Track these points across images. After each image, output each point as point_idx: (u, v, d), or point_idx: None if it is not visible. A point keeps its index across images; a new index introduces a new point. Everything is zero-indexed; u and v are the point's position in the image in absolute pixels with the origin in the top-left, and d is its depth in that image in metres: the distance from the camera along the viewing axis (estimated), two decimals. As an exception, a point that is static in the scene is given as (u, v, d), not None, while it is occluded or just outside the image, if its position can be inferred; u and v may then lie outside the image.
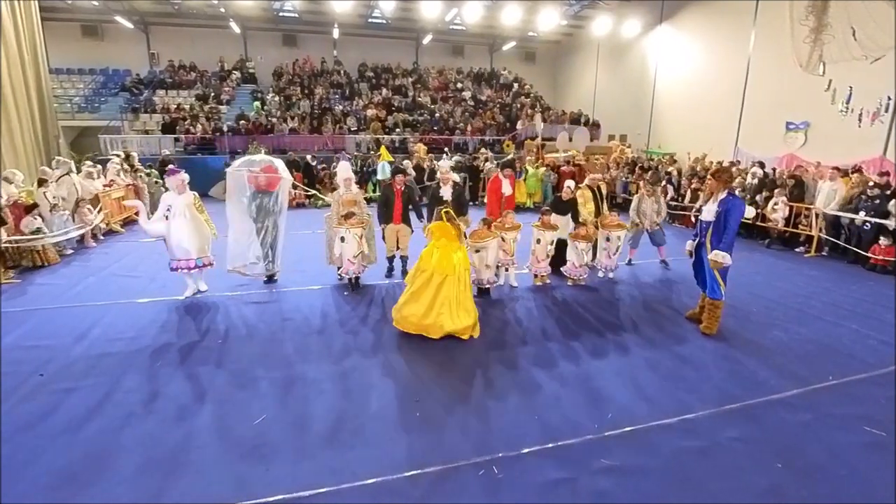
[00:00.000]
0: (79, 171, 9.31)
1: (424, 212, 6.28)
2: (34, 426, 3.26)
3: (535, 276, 6.31)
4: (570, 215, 6.50)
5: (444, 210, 5.04)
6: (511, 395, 3.71)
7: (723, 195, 4.61)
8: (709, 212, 4.73)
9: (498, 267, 6.12)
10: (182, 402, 3.56)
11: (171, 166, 6.36)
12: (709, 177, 4.97)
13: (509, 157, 13.89)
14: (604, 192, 7.15)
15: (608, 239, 6.49)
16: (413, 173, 12.79)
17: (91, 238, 8.40)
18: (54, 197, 7.76)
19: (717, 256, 4.56)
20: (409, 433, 3.23)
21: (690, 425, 3.36)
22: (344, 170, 6.26)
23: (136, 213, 6.50)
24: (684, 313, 5.36)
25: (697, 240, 4.92)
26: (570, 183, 6.94)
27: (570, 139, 15.79)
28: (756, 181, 9.65)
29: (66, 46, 18.91)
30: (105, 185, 9.61)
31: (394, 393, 3.73)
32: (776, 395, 3.76)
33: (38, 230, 6.93)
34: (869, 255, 7.36)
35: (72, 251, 7.78)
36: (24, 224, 6.87)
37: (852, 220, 7.74)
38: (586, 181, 7.19)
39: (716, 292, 4.73)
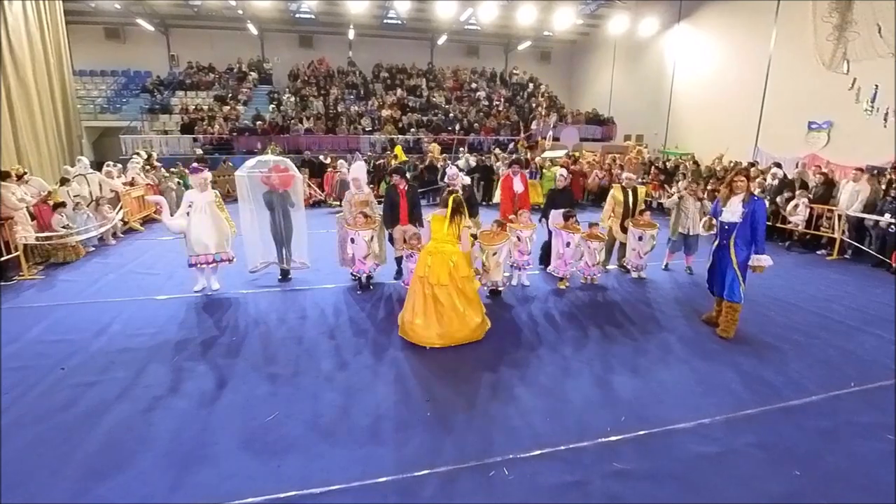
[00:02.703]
0: (99, 169, 9.54)
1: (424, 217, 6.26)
2: (54, 418, 3.35)
3: (561, 279, 6.24)
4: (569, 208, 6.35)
5: (454, 196, 4.61)
6: (522, 397, 3.69)
7: (746, 196, 4.54)
8: (732, 213, 4.60)
9: (511, 266, 6.11)
10: (196, 398, 3.62)
11: (194, 164, 6.50)
12: (739, 177, 4.68)
13: (521, 154, 13.83)
14: (641, 195, 6.72)
15: (640, 238, 6.38)
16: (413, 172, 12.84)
17: (112, 236, 8.60)
18: (76, 196, 7.97)
19: (759, 261, 4.52)
20: (419, 433, 3.23)
21: (706, 430, 3.30)
22: (356, 170, 6.28)
23: (158, 211, 6.66)
24: (700, 316, 5.27)
25: (718, 241, 4.78)
26: (563, 171, 6.81)
27: (558, 139, 15.71)
28: (776, 182, 9.45)
29: (89, 48, 19.40)
30: (125, 184, 9.81)
31: (404, 392, 3.74)
32: (795, 401, 3.67)
33: (67, 227, 7.14)
34: (892, 260, 7.14)
35: (93, 248, 7.96)
36: (54, 221, 7.07)
37: (877, 222, 7.53)
38: (622, 181, 6.85)
39: (735, 294, 4.62)
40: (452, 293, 4.44)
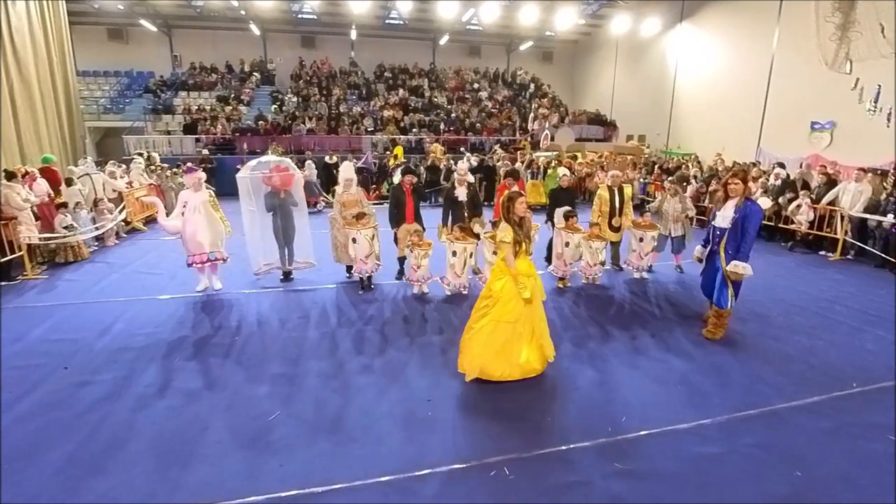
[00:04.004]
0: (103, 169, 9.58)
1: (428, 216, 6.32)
2: (57, 417, 3.37)
3: (561, 279, 6.25)
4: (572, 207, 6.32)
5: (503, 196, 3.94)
6: (523, 397, 3.69)
7: (740, 200, 4.36)
8: (724, 218, 4.45)
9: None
10: (199, 396, 3.64)
11: (188, 164, 6.53)
12: (732, 179, 4.41)
13: (528, 161, 13.88)
14: (628, 194, 6.69)
15: (641, 240, 6.41)
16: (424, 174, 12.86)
17: (115, 236, 8.62)
18: (82, 195, 8.01)
19: (737, 268, 4.31)
20: (420, 432, 3.24)
21: (707, 431, 3.30)
22: (345, 170, 6.32)
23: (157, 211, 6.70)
24: (702, 316, 5.23)
25: (710, 247, 4.67)
26: (565, 171, 6.82)
27: (553, 139, 15.70)
28: (779, 182, 9.43)
29: (92, 49, 19.47)
30: (127, 185, 9.84)
31: (406, 392, 3.75)
32: (797, 402, 3.67)
33: (70, 227, 7.17)
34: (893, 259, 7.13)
35: (95, 249, 7.99)
36: (57, 221, 7.11)
37: (880, 222, 7.51)
38: (608, 180, 6.81)
39: (722, 301, 4.49)
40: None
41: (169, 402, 3.56)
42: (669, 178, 8.54)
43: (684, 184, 7.37)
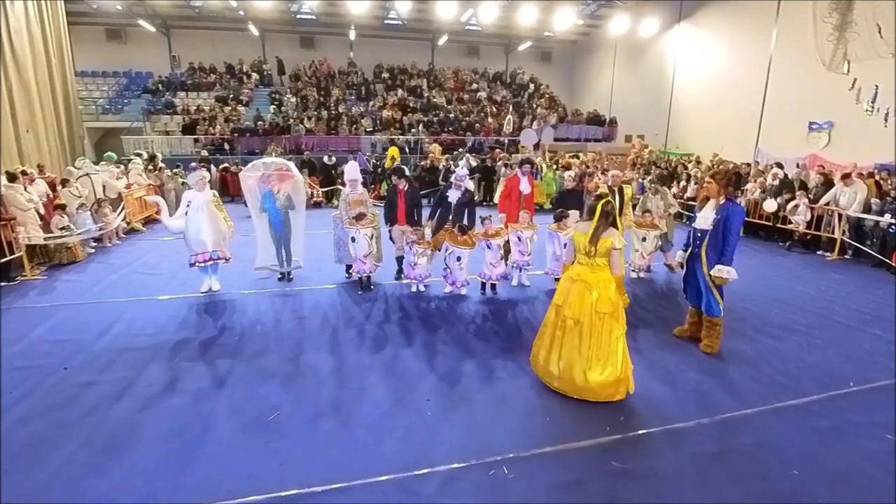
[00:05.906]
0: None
1: (425, 216, 6.34)
2: (57, 417, 3.37)
3: (558, 280, 6.24)
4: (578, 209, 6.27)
5: (602, 203, 3.58)
6: (522, 396, 3.70)
7: (721, 201, 4.21)
8: (704, 219, 4.26)
9: (512, 266, 6.14)
10: (199, 397, 3.64)
11: (192, 164, 6.55)
12: (706, 178, 4.21)
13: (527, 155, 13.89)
14: (628, 194, 6.65)
15: (644, 239, 6.43)
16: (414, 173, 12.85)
17: (115, 237, 8.61)
18: (80, 195, 7.99)
19: (720, 272, 4.16)
20: (420, 432, 3.25)
21: (705, 430, 3.32)
22: (350, 170, 6.34)
23: (158, 211, 6.70)
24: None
25: (690, 250, 4.50)
26: (569, 173, 6.83)
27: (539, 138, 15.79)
28: (777, 182, 9.46)
29: (91, 49, 19.45)
30: (127, 186, 9.83)
31: (405, 391, 3.76)
32: (794, 401, 3.68)
33: (66, 228, 7.16)
34: (892, 260, 7.15)
35: (93, 249, 7.98)
36: (53, 223, 7.10)
37: (877, 223, 7.54)
38: (608, 180, 6.78)
39: (713, 309, 4.35)
40: (585, 334, 3.61)
41: (169, 403, 3.57)
42: (649, 178, 8.53)
43: (663, 184, 7.36)
